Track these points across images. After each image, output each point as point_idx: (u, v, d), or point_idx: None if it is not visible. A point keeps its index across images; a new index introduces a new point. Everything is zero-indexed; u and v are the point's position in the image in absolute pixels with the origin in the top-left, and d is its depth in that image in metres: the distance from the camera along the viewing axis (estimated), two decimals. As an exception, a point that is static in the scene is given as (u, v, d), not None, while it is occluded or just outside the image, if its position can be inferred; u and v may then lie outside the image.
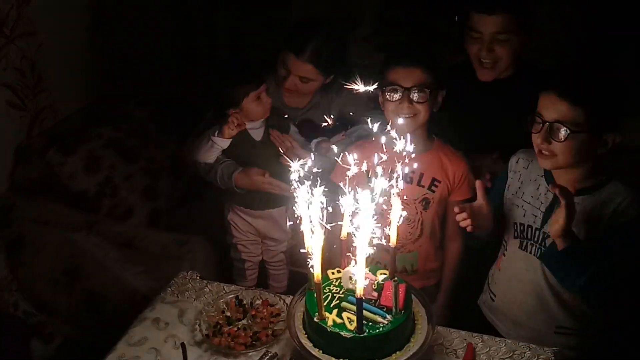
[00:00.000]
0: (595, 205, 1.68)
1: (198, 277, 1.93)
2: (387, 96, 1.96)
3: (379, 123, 2.06)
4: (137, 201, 2.80)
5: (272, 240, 2.42)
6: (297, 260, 2.41)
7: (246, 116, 2.17)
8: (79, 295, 2.29)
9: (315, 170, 1.47)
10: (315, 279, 1.43)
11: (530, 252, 1.80)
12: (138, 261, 2.31)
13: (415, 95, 1.93)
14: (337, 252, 1.59)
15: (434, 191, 2.06)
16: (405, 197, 2.02)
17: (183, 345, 1.57)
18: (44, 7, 2.69)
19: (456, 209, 1.76)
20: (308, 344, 1.49)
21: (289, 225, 2.29)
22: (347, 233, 1.53)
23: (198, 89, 3.22)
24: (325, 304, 1.51)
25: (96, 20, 3.04)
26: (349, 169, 1.50)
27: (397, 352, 1.46)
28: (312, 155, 2.13)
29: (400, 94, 1.93)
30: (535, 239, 1.78)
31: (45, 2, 2.69)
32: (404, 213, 1.51)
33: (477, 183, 1.83)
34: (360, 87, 1.60)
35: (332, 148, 1.51)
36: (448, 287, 2.19)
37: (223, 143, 2.17)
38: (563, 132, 1.59)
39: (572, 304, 1.79)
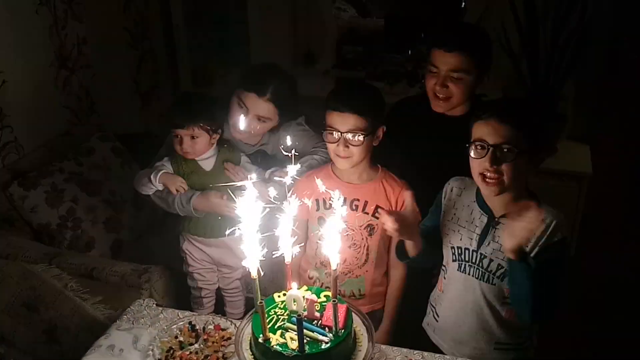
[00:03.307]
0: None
1: (154, 305, 1.99)
2: (327, 137, 2.07)
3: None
4: (99, 233, 2.86)
5: (227, 268, 2.48)
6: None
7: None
8: (39, 326, 2.30)
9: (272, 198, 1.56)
10: (257, 301, 1.51)
11: (469, 274, 1.90)
12: (97, 291, 2.34)
13: (350, 139, 2.04)
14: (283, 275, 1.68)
15: (377, 218, 2.15)
16: (350, 224, 2.12)
17: (131, 367, 1.63)
18: (7, 46, 2.77)
19: (382, 212, 1.82)
20: (254, 364, 1.57)
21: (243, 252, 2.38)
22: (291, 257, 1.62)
23: (160, 123, 3.31)
24: (270, 325, 1.59)
25: (59, 57, 3.12)
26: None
27: (339, 370, 1.54)
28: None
29: (337, 136, 2.04)
30: (473, 261, 1.88)
31: (8, 40, 2.77)
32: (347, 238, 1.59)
33: (407, 193, 1.92)
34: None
35: (283, 178, 1.60)
36: (391, 313, 2.26)
37: (159, 186, 2.28)
38: (511, 152, 1.71)
39: (509, 320, 1.89)
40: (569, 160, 3.44)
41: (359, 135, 2.03)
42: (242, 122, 2.24)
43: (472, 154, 1.78)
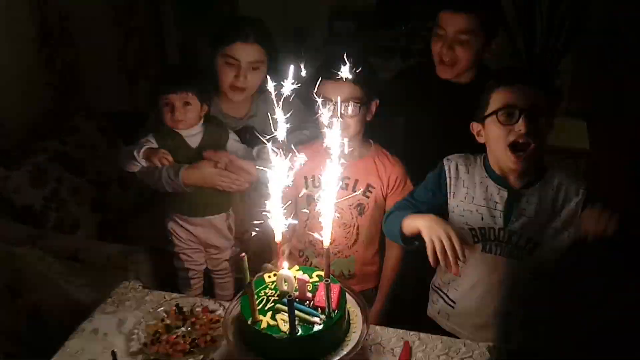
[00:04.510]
0: (547, 192, 1.77)
1: (140, 286, 1.92)
2: (320, 109, 1.99)
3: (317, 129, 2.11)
4: (84, 214, 2.80)
5: (214, 249, 2.41)
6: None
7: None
8: (22, 310, 2.25)
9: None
10: (246, 281, 1.44)
11: (496, 253, 1.81)
12: (82, 274, 2.29)
13: (346, 109, 1.96)
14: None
15: (368, 197, 2.09)
16: (339, 203, 2.04)
17: (114, 353, 1.56)
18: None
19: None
20: (243, 348, 1.50)
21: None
22: (282, 236, 1.55)
23: (147, 101, 3.21)
24: (260, 307, 1.52)
25: (42, 33, 3.02)
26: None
27: (332, 352, 1.48)
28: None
29: (331, 107, 1.95)
30: (500, 239, 1.80)
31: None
32: (337, 215, 1.52)
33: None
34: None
35: (270, 155, 1.53)
36: (384, 294, 2.20)
37: (143, 162, 2.19)
38: (541, 115, 1.70)
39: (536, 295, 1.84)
40: (566, 137, 3.38)
41: (355, 105, 1.95)
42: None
43: (499, 122, 1.73)
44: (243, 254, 1.48)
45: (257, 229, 1.47)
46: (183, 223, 2.35)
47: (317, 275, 1.62)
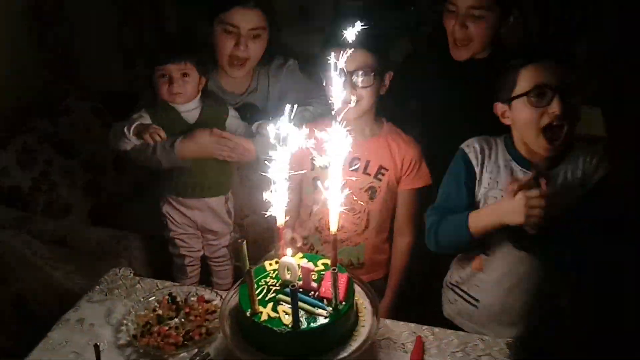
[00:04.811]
0: (573, 171, 1.66)
1: (131, 274, 1.80)
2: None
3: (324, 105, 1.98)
4: (76, 198, 2.70)
5: (212, 234, 2.29)
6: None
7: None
8: (7, 299, 2.14)
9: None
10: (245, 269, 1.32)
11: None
12: (71, 260, 2.18)
13: (358, 80, 1.83)
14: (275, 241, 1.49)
15: (380, 180, 1.96)
16: (348, 186, 1.92)
17: (96, 346, 1.44)
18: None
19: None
20: (241, 342, 1.38)
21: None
22: (285, 221, 1.43)
23: (143, 78, 3.10)
24: (260, 297, 1.40)
25: (32, 7, 2.90)
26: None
27: (339, 347, 1.36)
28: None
29: (343, 77, 1.81)
30: None
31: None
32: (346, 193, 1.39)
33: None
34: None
35: (271, 131, 1.39)
36: (394, 286, 2.08)
37: (133, 139, 2.05)
38: (576, 94, 1.58)
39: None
40: (581, 123, 3.27)
41: (369, 75, 1.82)
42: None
43: (530, 104, 1.60)
44: (242, 240, 1.38)
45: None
46: (179, 206, 2.24)
47: (322, 264, 1.50)
